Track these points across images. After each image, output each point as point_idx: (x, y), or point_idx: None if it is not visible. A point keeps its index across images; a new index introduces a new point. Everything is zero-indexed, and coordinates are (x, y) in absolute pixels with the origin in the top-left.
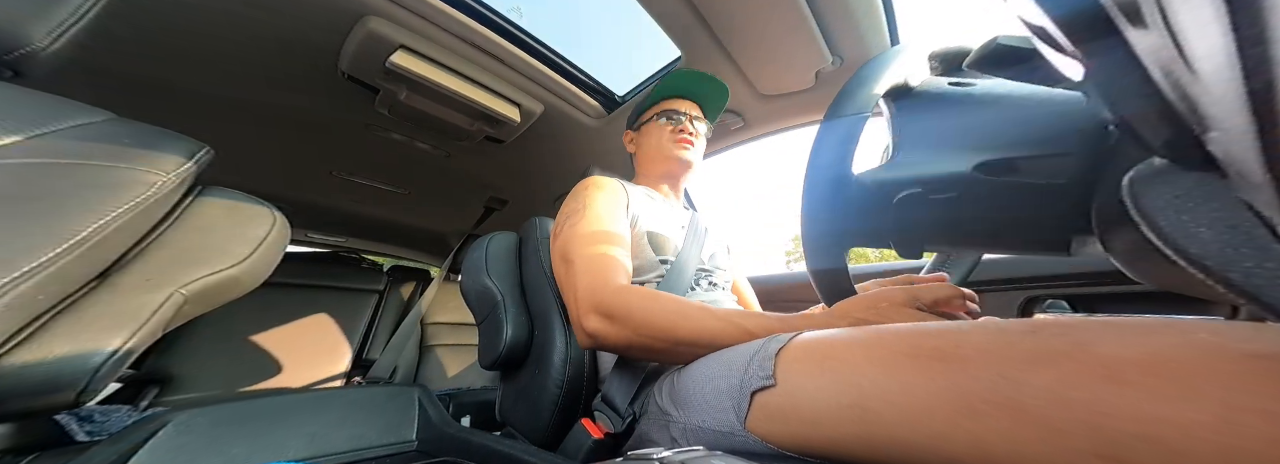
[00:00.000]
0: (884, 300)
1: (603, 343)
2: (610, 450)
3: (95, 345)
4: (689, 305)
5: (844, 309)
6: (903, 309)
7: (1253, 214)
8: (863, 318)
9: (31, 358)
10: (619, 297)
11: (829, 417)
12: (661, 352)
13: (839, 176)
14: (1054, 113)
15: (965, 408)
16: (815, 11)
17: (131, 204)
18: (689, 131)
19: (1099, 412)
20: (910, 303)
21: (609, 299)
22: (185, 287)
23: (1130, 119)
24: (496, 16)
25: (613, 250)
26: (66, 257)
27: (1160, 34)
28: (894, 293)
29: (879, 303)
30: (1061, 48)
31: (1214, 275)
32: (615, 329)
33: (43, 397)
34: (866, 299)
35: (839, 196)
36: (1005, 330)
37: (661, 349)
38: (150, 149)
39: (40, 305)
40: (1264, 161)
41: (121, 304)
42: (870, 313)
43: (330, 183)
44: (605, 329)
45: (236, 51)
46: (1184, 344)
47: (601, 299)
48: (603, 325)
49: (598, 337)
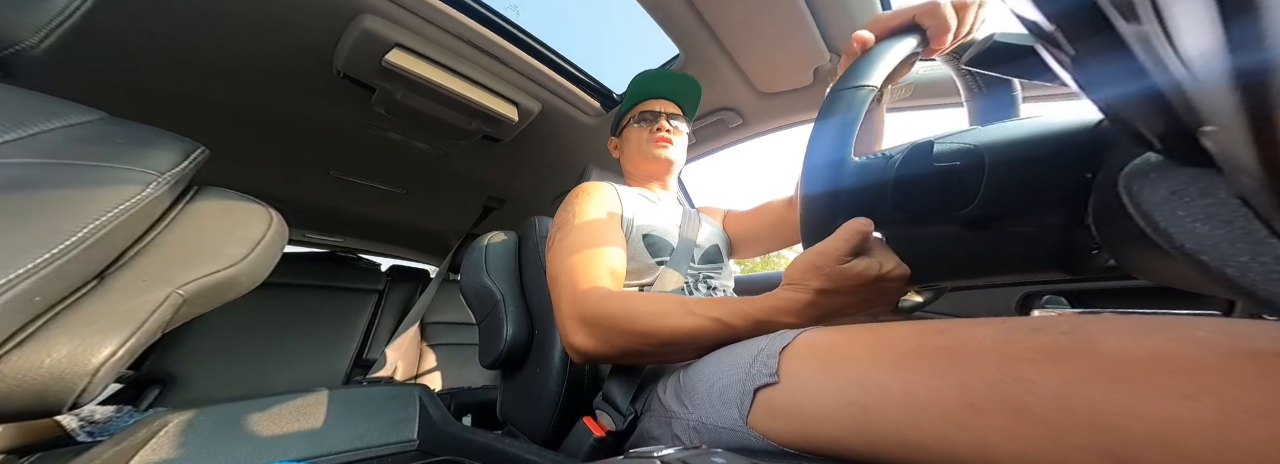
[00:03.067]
0: (826, 264)
1: (593, 355)
2: (612, 448)
3: (94, 346)
4: (665, 304)
5: (792, 277)
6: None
7: (1248, 209)
8: (819, 287)
9: (31, 359)
10: (598, 306)
11: (830, 414)
12: (654, 355)
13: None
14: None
15: (969, 406)
16: (813, 9)
17: (127, 204)
18: (666, 129)
19: (1106, 411)
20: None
21: (589, 310)
22: (183, 287)
23: (1124, 115)
24: (494, 14)
25: (598, 261)
26: (63, 257)
27: (1153, 28)
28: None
29: (821, 268)
30: (1056, 43)
31: (1210, 270)
32: (600, 340)
33: (43, 397)
34: (807, 265)
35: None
36: (1009, 328)
37: (652, 352)
38: (145, 149)
39: (38, 306)
40: (1258, 156)
41: (120, 305)
42: (819, 279)
43: (328, 182)
44: (591, 342)
45: (230, 49)
46: (1186, 341)
47: (583, 312)
48: (588, 339)
49: (586, 351)
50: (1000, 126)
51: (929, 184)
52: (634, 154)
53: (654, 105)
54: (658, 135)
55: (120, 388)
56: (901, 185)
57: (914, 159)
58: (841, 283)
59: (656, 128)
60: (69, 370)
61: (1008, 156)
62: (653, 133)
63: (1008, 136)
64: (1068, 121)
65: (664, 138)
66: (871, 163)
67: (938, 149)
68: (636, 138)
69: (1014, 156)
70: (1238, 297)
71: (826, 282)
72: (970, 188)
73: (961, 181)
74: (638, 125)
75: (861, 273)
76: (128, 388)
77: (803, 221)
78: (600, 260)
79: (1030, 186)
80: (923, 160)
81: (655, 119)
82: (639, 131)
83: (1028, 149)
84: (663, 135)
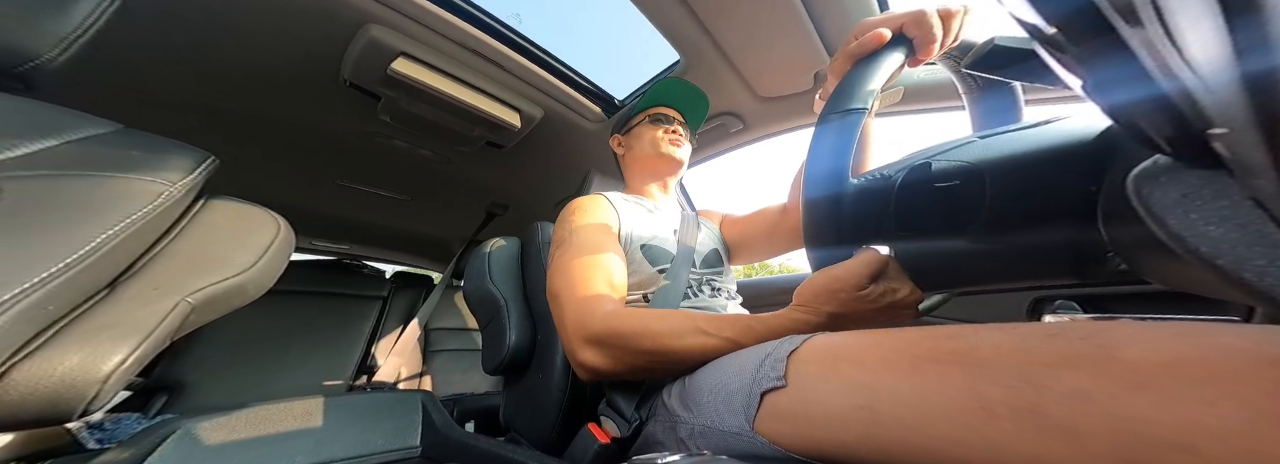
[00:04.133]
0: (843, 291)
1: (602, 372)
2: (616, 455)
3: (105, 354)
4: (677, 322)
5: (804, 299)
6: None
7: (1263, 211)
8: (832, 312)
9: (43, 367)
10: (606, 324)
11: (838, 418)
12: (662, 371)
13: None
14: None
15: (982, 412)
16: (812, 13)
17: (140, 214)
18: (679, 133)
19: (1126, 417)
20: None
21: (596, 329)
22: (192, 295)
23: (1131, 118)
24: (497, 23)
25: (599, 276)
26: (77, 266)
27: (1156, 31)
28: (846, 283)
29: (837, 293)
30: (1058, 47)
31: (1226, 275)
32: (610, 358)
33: (55, 405)
34: (823, 289)
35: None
36: (1024, 333)
37: (662, 369)
38: (158, 159)
39: (51, 315)
40: (1271, 157)
41: (130, 313)
42: (833, 304)
43: (334, 190)
44: (599, 359)
45: (239, 60)
46: (1210, 347)
47: (589, 330)
48: (596, 356)
49: (596, 368)
50: (998, 140)
51: (932, 203)
52: (645, 149)
53: (670, 111)
54: (671, 136)
55: (129, 395)
56: (903, 205)
57: (913, 181)
58: (855, 308)
59: (671, 128)
60: (80, 378)
61: (1008, 174)
62: (666, 132)
63: (1006, 152)
64: (1067, 133)
65: (676, 138)
66: (871, 185)
67: (935, 168)
68: (649, 134)
69: (1014, 174)
70: (1256, 301)
71: (840, 307)
72: (974, 204)
73: (964, 198)
74: (651, 123)
75: (877, 300)
76: (136, 395)
77: (808, 247)
78: (600, 275)
79: (1034, 203)
80: (922, 181)
81: (670, 121)
82: (651, 129)
83: (1028, 167)
84: (675, 136)
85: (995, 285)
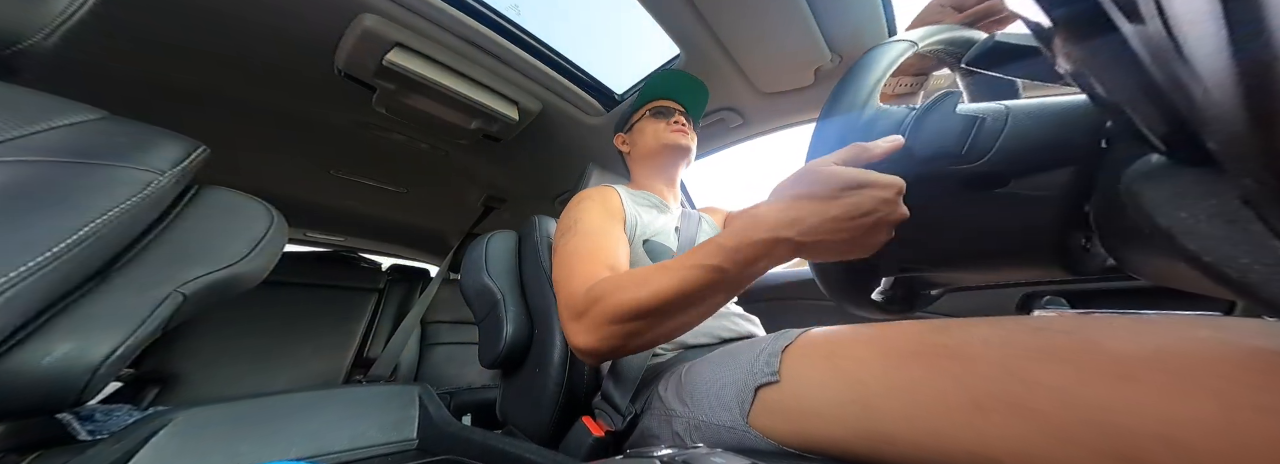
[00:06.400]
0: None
1: (598, 350)
2: (611, 448)
3: (95, 345)
4: (643, 272)
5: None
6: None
7: (1250, 210)
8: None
9: (32, 357)
10: (588, 294)
11: (831, 412)
12: (658, 330)
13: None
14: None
15: (971, 404)
16: (814, 9)
17: (127, 203)
18: (682, 123)
19: (1109, 409)
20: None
21: (580, 301)
22: (184, 286)
23: (1127, 115)
24: (494, 14)
25: (598, 262)
26: (64, 256)
27: (1157, 28)
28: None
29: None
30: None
31: (1211, 271)
32: (595, 329)
33: (43, 396)
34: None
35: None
36: (1011, 328)
37: (654, 327)
38: (145, 147)
39: (39, 305)
40: (1261, 156)
41: (120, 303)
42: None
43: (328, 181)
44: (589, 336)
45: (231, 49)
46: (1189, 340)
47: (575, 305)
48: (585, 333)
49: (587, 347)
50: (1026, 101)
51: (947, 127)
52: (650, 142)
53: (670, 103)
54: (675, 126)
55: (121, 386)
56: (920, 124)
57: (940, 102)
58: (823, 187)
59: (674, 120)
60: (70, 368)
61: (1033, 113)
62: (670, 124)
63: (1039, 102)
64: None
65: (681, 129)
66: (892, 110)
67: (963, 107)
68: (653, 128)
69: (1040, 114)
70: (1239, 297)
71: (807, 186)
72: (987, 140)
73: (980, 132)
74: (653, 117)
75: (850, 178)
76: (128, 386)
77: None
78: (600, 261)
79: (1047, 143)
80: (948, 105)
81: (671, 114)
82: (655, 123)
83: (1056, 109)
84: (680, 127)
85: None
